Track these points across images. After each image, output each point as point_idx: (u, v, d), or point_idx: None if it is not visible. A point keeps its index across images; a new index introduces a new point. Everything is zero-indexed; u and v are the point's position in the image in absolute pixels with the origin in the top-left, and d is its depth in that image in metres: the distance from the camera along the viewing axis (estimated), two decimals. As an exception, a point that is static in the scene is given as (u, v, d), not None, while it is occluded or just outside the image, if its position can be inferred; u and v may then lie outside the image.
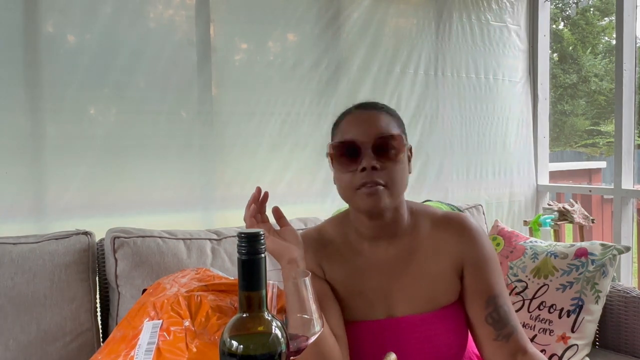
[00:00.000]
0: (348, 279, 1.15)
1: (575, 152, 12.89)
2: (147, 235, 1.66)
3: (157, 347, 1.06)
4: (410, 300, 1.15)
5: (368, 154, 1.07)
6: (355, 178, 1.09)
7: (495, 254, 1.21)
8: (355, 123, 1.12)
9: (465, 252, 1.16)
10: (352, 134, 1.11)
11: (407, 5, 2.68)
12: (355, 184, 1.09)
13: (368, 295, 1.16)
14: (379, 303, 1.16)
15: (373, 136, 1.09)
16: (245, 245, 0.70)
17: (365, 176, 1.07)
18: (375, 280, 1.16)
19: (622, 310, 1.80)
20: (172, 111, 2.14)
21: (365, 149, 1.08)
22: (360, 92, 2.52)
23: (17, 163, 1.88)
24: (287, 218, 1.13)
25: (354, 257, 1.18)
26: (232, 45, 2.31)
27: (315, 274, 1.16)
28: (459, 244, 1.17)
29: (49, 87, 1.92)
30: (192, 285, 1.23)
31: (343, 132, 1.13)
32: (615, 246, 1.78)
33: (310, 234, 1.24)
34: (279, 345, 0.71)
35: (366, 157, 1.07)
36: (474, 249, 1.17)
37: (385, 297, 1.16)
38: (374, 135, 1.09)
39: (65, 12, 1.96)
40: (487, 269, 1.16)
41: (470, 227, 1.18)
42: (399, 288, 1.16)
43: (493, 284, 1.15)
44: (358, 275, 1.17)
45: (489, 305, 1.13)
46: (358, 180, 1.08)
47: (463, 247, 1.16)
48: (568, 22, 15.22)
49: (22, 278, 1.50)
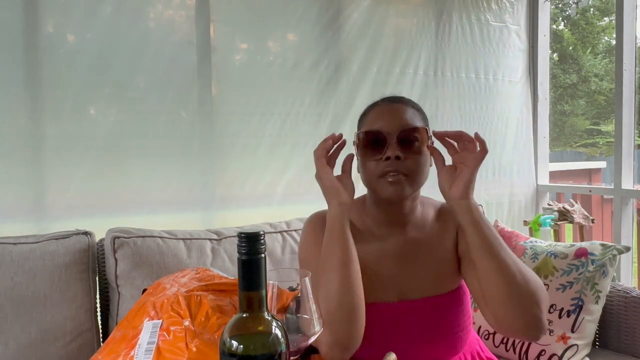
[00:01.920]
0: (363, 261, 1.17)
1: (575, 152, 12.89)
2: (147, 235, 1.66)
3: (157, 346, 1.06)
4: (421, 284, 1.21)
5: (393, 144, 1.13)
6: (379, 166, 1.15)
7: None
8: (382, 114, 1.18)
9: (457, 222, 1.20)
10: (378, 125, 1.16)
11: (407, 6, 2.68)
12: (379, 171, 1.15)
13: (381, 278, 1.20)
14: (392, 286, 1.21)
15: (398, 127, 1.14)
16: (245, 245, 0.70)
17: (389, 165, 1.13)
18: (388, 265, 1.21)
19: (622, 310, 1.80)
20: (172, 111, 2.14)
21: (390, 139, 1.14)
22: (360, 92, 2.52)
23: (17, 163, 1.88)
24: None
25: (370, 241, 1.23)
26: (232, 45, 2.31)
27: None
28: (452, 219, 1.24)
29: (49, 87, 1.92)
30: (192, 285, 1.23)
31: (370, 122, 1.19)
32: (615, 246, 1.78)
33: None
34: (279, 345, 0.71)
35: (391, 147, 1.13)
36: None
37: (397, 281, 1.21)
38: (399, 127, 1.15)
39: (65, 12, 1.96)
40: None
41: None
42: (410, 272, 1.21)
43: None
44: (373, 258, 1.21)
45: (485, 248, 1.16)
46: (382, 168, 1.14)
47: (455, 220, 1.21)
48: (568, 22, 15.22)
49: (22, 278, 1.50)
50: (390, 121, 1.16)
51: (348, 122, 2.49)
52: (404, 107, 1.19)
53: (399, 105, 1.20)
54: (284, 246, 1.82)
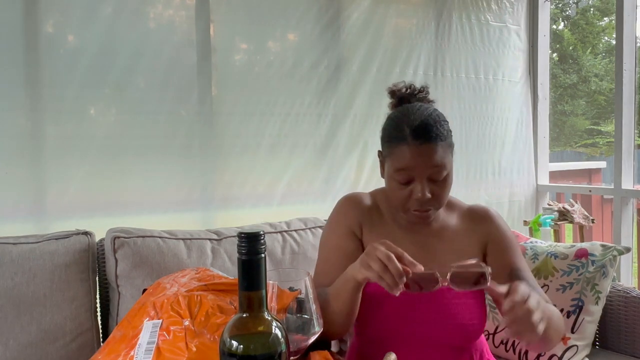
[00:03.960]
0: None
1: (575, 152, 12.89)
2: (147, 235, 1.66)
3: (157, 346, 1.05)
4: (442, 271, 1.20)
5: (422, 184, 1.16)
6: (409, 202, 1.18)
7: (515, 238, 1.33)
8: (411, 155, 1.16)
9: (489, 233, 1.29)
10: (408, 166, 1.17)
11: (407, 6, 2.68)
12: (409, 206, 1.19)
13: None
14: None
15: (429, 169, 1.16)
16: (245, 245, 0.70)
17: (418, 204, 1.18)
18: (409, 250, 1.21)
19: (622, 310, 1.80)
20: (172, 111, 2.14)
21: (420, 179, 1.16)
22: (360, 92, 2.52)
23: (17, 163, 1.88)
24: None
25: (394, 228, 1.28)
26: (232, 45, 2.31)
27: (353, 231, 1.28)
28: (483, 227, 1.29)
29: (49, 87, 1.91)
30: (192, 285, 1.23)
31: (398, 159, 1.18)
32: (615, 247, 1.78)
33: (362, 196, 1.33)
34: (279, 345, 0.71)
35: (421, 187, 1.16)
36: (496, 230, 1.29)
37: None
38: (430, 168, 1.16)
39: (65, 12, 1.96)
40: (509, 247, 1.28)
41: (493, 213, 1.33)
42: (431, 260, 1.23)
43: (515, 260, 1.26)
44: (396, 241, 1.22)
45: (512, 277, 1.21)
46: (412, 205, 1.18)
47: (487, 228, 1.29)
48: (568, 22, 15.21)
49: (22, 278, 1.50)
50: (420, 163, 1.16)
51: (348, 122, 2.49)
52: (433, 146, 1.17)
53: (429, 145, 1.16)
54: (284, 246, 1.82)
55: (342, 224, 1.28)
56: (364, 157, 2.53)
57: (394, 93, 1.32)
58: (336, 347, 1.69)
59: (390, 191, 1.22)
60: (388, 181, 1.22)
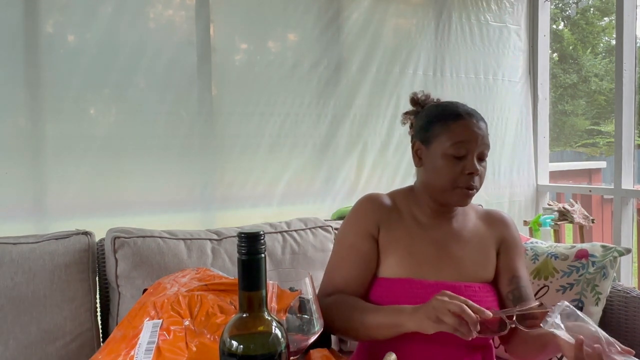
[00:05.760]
0: (403, 240, 1.27)
1: (575, 152, 12.89)
2: (148, 235, 1.66)
3: (157, 346, 1.05)
4: (457, 269, 1.26)
5: (474, 160, 1.23)
6: (461, 178, 1.22)
7: (523, 246, 1.39)
8: (469, 130, 1.24)
9: (504, 238, 1.34)
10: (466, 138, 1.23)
11: (407, 6, 2.68)
12: (459, 183, 1.23)
13: (419, 258, 1.26)
14: (429, 267, 1.25)
15: (482, 145, 1.24)
16: (246, 245, 0.70)
17: (470, 179, 1.23)
18: (427, 247, 1.28)
19: (622, 310, 1.79)
20: (172, 111, 2.14)
21: (472, 155, 1.23)
22: (359, 92, 2.52)
23: (17, 163, 1.88)
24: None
25: (413, 225, 1.31)
26: (232, 45, 2.31)
27: (370, 232, 1.29)
28: (499, 231, 1.35)
29: (49, 87, 1.92)
30: (193, 285, 1.23)
31: (456, 132, 1.24)
32: (616, 248, 1.78)
33: (381, 196, 1.35)
34: (279, 345, 0.71)
35: (473, 162, 1.22)
36: (509, 233, 1.35)
37: (435, 263, 1.26)
38: (483, 144, 1.24)
39: (65, 12, 1.96)
40: (517, 255, 1.34)
41: (509, 220, 1.39)
42: (447, 256, 1.27)
43: (518, 266, 1.32)
44: (413, 239, 1.29)
45: (512, 283, 1.28)
46: (464, 181, 1.22)
47: (502, 233, 1.35)
48: (568, 22, 15.21)
49: (22, 278, 1.50)
50: (475, 138, 1.23)
51: (347, 122, 2.49)
52: (484, 124, 1.27)
53: (481, 123, 1.27)
54: (284, 246, 1.82)
55: (360, 223, 1.30)
56: (364, 157, 2.53)
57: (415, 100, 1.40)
58: (336, 346, 1.69)
59: (440, 169, 1.24)
60: (438, 160, 1.24)
